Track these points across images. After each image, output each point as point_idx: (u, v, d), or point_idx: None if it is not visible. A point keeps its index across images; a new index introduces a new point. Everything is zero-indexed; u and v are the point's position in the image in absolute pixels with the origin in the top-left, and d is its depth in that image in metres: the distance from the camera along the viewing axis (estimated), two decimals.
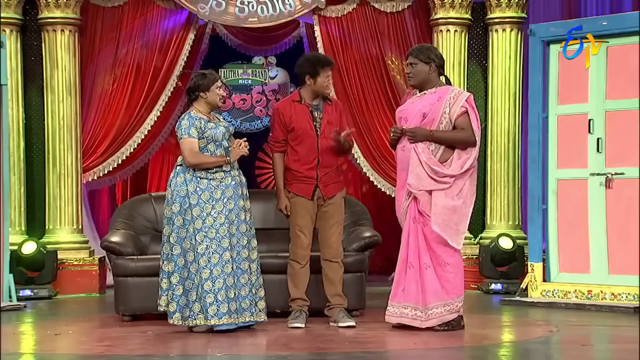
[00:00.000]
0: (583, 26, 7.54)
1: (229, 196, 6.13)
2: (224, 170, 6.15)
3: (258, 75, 10.93)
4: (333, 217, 6.41)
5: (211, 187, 6.10)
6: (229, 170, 6.17)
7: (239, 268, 6.11)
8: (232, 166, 6.20)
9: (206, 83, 6.19)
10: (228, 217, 6.10)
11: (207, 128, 6.13)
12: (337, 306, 6.39)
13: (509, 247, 8.48)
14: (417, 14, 8.99)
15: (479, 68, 9.01)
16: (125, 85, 8.99)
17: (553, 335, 6.06)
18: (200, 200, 6.07)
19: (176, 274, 6.10)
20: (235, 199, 6.15)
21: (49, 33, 8.70)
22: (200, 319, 6.04)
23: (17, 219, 8.62)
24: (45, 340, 6.13)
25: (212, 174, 6.12)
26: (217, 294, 5.99)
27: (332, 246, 6.41)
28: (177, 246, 6.10)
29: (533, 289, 7.67)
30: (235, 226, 6.13)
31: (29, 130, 8.83)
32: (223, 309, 6.00)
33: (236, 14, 8.89)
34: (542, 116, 7.73)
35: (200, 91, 6.19)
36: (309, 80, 6.35)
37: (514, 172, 8.83)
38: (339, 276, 6.40)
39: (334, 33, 9.01)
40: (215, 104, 6.23)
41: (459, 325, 6.13)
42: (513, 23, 8.77)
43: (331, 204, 6.41)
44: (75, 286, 8.58)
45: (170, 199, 6.14)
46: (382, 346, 5.67)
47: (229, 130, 6.25)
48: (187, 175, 6.11)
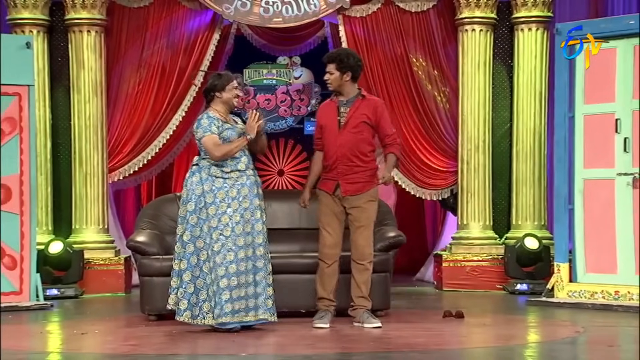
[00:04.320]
0: (609, 25, 7.51)
1: (245, 195, 6.15)
2: (239, 169, 6.18)
3: (282, 75, 10.95)
4: (357, 221, 6.36)
5: (227, 186, 6.13)
6: (244, 170, 6.20)
7: (254, 266, 6.12)
8: (247, 166, 6.22)
9: (221, 83, 6.23)
10: (244, 216, 6.12)
11: (223, 129, 6.17)
12: (361, 308, 6.36)
13: (535, 248, 8.46)
14: (442, 13, 8.99)
15: (504, 67, 8.99)
16: (150, 85, 9.03)
17: (579, 336, 6.05)
18: (216, 199, 6.10)
19: (188, 272, 6.14)
20: (251, 197, 6.16)
21: (75, 34, 8.75)
22: (208, 319, 6.07)
23: (44, 218, 8.67)
24: (71, 340, 6.16)
25: (228, 173, 6.15)
26: (232, 291, 6.01)
27: (357, 248, 6.37)
28: (190, 245, 6.14)
29: (559, 290, 7.65)
30: (251, 224, 6.14)
31: (56, 130, 8.89)
32: (237, 307, 6.03)
33: (261, 14, 8.91)
34: (568, 115, 7.70)
35: (216, 91, 6.23)
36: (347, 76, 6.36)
37: (540, 171, 8.80)
38: (364, 278, 6.35)
39: (358, 33, 9.00)
40: (230, 104, 6.26)
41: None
42: (539, 22, 8.74)
43: (354, 208, 6.34)
44: (101, 285, 8.63)
45: (185, 198, 6.19)
46: (407, 346, 5.65)
47: (241, 133, 6.25)
48: (202, 174, 6.15)
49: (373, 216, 6.40)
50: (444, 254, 8.96)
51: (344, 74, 6.34)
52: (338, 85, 6.39)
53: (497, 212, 8.99)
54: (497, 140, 8.96)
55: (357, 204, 6.35)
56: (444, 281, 8.81)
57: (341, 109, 6.38)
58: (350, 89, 6.40)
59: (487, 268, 8.75)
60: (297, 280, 6.70)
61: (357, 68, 6.39)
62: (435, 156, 9.12)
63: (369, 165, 6.39)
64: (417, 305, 7.83)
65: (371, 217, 6.39)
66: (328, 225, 6.38)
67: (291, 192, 9.89)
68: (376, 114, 6.38)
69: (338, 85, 6.39)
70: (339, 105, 6.40)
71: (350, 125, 6.33)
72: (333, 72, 6.36)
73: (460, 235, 8.95)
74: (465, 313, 6.76)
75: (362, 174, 6.36)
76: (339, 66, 6.34)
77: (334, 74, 6.36)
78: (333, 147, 6.36)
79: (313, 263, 6.65)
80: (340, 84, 6.38)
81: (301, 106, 11.12)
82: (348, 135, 6.33)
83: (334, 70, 6.36)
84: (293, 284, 6.73)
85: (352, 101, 6.39)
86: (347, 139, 6.33)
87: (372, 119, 6.37)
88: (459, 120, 8.94)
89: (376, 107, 6.41)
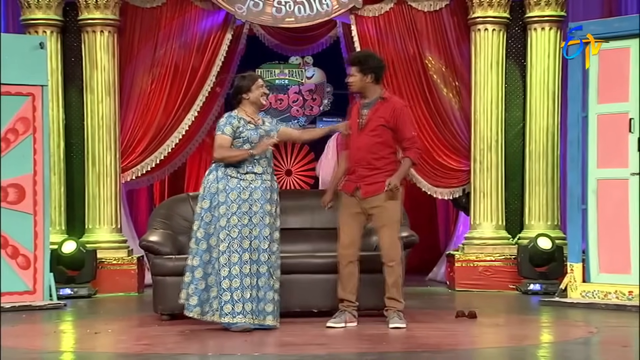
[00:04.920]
0: (623, 24, 7.49)
1: (256, 198, 6.15)
2: (255, 172, 6.18)
3: (295, 75, 10.97)
4: (379, 221, 6.31)
5: (240, 187, 6.14)
6: (261, 174, 6.20)
7: (258, 271, 6.12)
8: (265, 170, 6.22)
9: (247, 84, 6.24)
10: (252, 219, 6.13)
11: (245, 129, 6.17)
12: (391, 309, 6.32)
13: (548, 248, 8.43)
14: (455, 12, 8.96)
15: (517, 67, 8.96)
16: (163, 85, 9.04)
17: (593, 337, 6.02)
18: (227, 199, 6.11)
19: (200, 269, 6.17)
20: (262, 202, 6.16)
21: (88, 34, 8.76)
22: (217, 316, 6.10)
23: (57, 218, 8.69)
24: (85, 339, 6.17)
25: (243, 174, 6.15)
26: (233, 292, 6.03)
27: (382, 249, 6.33)
28: (204, 242, 6.16)
29: (572, 290, 7.62)
30: (258, 229, 6.14)
31: (69, 130, 8.90)
32: (238, 309, 6.03)
33: (273, 14, 8.91)
34: (582, 115, 7.66)
35: (242, 93, 6.23)
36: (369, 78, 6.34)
37: (553, 171, 8.77)
38: (391, 280, 6.29)
39: (371, 33, 8.98)
40: (258, 103, 6.27)
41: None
42: (552, 21, 8.70)
43: (375, 208, 6.28)
44: (114, 285, 8.64)
45: (202, 195, 6.22)
46: (420, 346, 5.64)
47: (269, 135, 6.26)
48: (219, 172, 6.17)
49: (395, 215, 6.31)
50: (456, 253, 8.95)
51: (366, 76, 6.31)
52: (360, 88, 6.36)
53: (510, 211, 8.96)
54: (509, 139, 8.94)
55: (377, 204, 6.29)
56: (457, 281, 8.80)
57: (362, 111, 6.35)
58: (373, 90, 6.36)
59: (500, 268, 8.73)
60: (309, 280, 6.70)
61: (378, 70, 6.36)
62: (448, 155, 9.10)
63: (389, 167, 6.32)
64: (429, 305, 7.81)
65: (393, 217, 6.30)
66: (345, 225, 6.37)
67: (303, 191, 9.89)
68: (394, 117, 6.30)
69: (360, 88, 6.36)
70: (362, 107, 6.37)
71: (369, 128, 6.30)
72: (355, 75, 6.34)
73: (473, 235, 8.93)
74: (477, 313, 6.74)
75: (381, 175, 6.29)
76: (360, 68, 6.31)
77: (356, 76, 6.33)
78: (353, 149, 6.36)
79: (325, 263, 6.68)
80: (363, 86, 6.35)
81: (313, 106, 11.17)
82: (366, 138, 6.30)
83: (356, 73, 6.33)
84: (305, 284, 6.71)
85: (373, 103, 6.35)
86: (365, 142, 6.30)
87: (391, 122, 6.30)
88: (471, 119, 8.91)
89: (394, 109, 6.32)
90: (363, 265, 6.42)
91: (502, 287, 8.68)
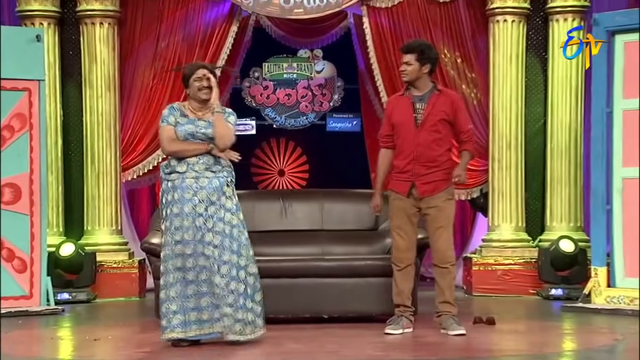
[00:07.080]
0: None
1: (177, 199, 5.73)
2: (178, 171, 5.75)
3: (303, 69, 11.06)
4: (436, 222, 6.21)
5: (168, 188, 5.79)
6: (184, 172, 5.74)
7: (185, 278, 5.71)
8: (191, 168, 5.73)
9: (188, 74, 5.81)
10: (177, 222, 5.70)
11: (178, 122, 5.75)
12: (446, 313, 6.25)
13: (571, 250, 8.33)
14: (472, 3, 8.89)
15: (538, 60, 8.87)
16: (165, 79, 8.94)
17: (618, 344, 5.95)
18: (162, 202, 5.83)
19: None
20: (183, 202, 5.71)
21: (87, 26, 8.68)
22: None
23: (54, 219, 8.62)
24: (83, 346, 6.12)
25: (168, 175, 5.78)
26: (164, 304, 5.73)
27: (437, 250, 6.25)
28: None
29: (596, 295, 7.51)
30: (184, 232, 5.70)
31: (67, 127, 8.82)
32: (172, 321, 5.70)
33: (281, 5, 8.82)
34: (606, 111, 7.58)
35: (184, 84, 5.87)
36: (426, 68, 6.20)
37: (576, 170, 8.70)
38: (447, 282, 6.25)
39: (383, 24, 8.91)
40: (197, 98, 5.79)
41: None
42: (575, 12, 8.61)
43: (432, 208, 6.18)
44: (114, 289, 8.57)
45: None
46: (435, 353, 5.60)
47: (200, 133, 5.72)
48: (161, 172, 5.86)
49: (451, 215, 6.28)
50: (473, 257, 8.88)
51: (423, 66, 6.17)
52: (415, 78, 6.20)
53: (530, 212, 8.90)
54: (530, 137, 8.85)
55: (435, 204, 6.19)
56: (474, 286, 8.73)
57: (417, 105, 6.19)
58: (426, 82, 6.23)
59: (520, 272, 8.63)
60: (318, 285, 6.64)
61: (435, 61, 6.27)
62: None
63: (446, 165, 6.23)
64: None
65: (450, 217, 6.26)
66: (400, 229, 6.26)
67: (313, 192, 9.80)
68: (453, 109, 6.21)
69: (415, 78, 6.20)
70: (414, 100, 6.21)
71: (429, 124, 6.15)
72: (412, 64, 6.17)
73: (491, 237, 8.85)
74: (496, 319, 6.68)
75: (439, 172, 6.19)
76: (419, 57, 6.17)
77: (412, 64, 6.17)
78: (410, 146, 6.17)
79: (335, 266, 6.68)
80: (418, 76, 6.19)
81: (323, 101, 11.12)
82: (425, 134, 6.15)
83: (413, 62, 6.16)
84: (314, 288, 6.64)
85: (428, 96, 6.20)
86: (425, 138, 6.15)
87: (450, 115, 6.19)
88: (489, 116, 8.85)
89: (453, 101, 6.23)
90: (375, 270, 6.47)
91: (522, 292, 8.58)
